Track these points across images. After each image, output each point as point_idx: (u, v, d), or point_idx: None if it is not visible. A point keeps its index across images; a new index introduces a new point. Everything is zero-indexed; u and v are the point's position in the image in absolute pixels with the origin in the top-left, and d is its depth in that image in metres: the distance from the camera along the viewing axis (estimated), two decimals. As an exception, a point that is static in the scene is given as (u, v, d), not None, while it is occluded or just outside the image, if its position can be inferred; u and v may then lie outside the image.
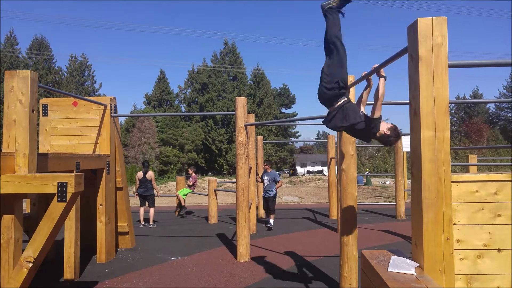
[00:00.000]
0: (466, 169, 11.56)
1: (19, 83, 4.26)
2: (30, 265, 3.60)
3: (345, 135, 4.12)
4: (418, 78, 2.17)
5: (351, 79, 4.03)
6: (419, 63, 2.16)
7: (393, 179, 25.49)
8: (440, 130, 2.14)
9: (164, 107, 51.58)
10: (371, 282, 2.24)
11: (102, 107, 6.31)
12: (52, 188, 3.84)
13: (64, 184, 3.87)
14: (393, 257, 2.23)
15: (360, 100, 3.32)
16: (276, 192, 8.85)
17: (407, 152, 12.14)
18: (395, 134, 2.98)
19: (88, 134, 6.36)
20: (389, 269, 2.07)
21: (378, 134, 2.97)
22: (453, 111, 56.91)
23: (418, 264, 2.12)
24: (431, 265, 2.07)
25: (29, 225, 5.47)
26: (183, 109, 53.88)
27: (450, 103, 2.68)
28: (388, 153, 37.30)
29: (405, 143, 10.32)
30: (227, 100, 50.95)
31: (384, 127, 2.95)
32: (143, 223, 9.18)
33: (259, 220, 9.02)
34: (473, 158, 10.90)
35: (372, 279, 2.21)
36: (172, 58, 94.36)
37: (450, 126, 2.22)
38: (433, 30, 2.17)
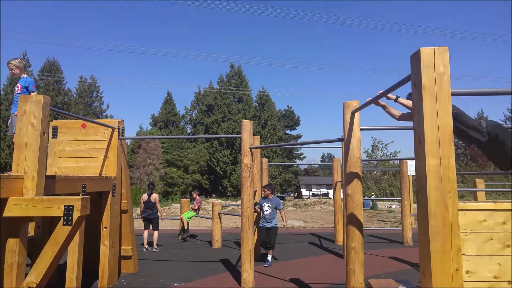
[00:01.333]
0: (474, 194, 11.37)
1: (32, 107, 4.33)
2: (33, 290, 3.56)
3: (350, 159, 4.12)
4: (421, 106, 2.20)
5: (355, 104, 4.08)
6: (423, 92, 2.21)
7: (399, 203, 25.18)
8: (445, 158, 2.15)
9: (170, 128, 52.01)
10: (378, 313, 2.19)
11: (110, 129, 6.39)
12: (58, 212, 3.84)
13: (71, 207, 3.87)
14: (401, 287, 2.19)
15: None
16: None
17: (413, 176, 12.03)
18: None
19: (96, 156, 6.42)
20: (397, 301, 2.03)
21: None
22: (458, 134, 56.47)
23: (426, 296, 2.08)
24: (441, 297, 2.03)
25: (32, 248, 5.43)
26: (189, 130, 54.28)
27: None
28: (394, 176, 37.00)
29: (410, 167, 10.26)
30: (232, 122, 51.32)
31: None
32: (146, 246, 9.09)
33: (256, 258, 8.12)
34: (480, 183, 10.77)
35: (379, 310, 2.17)
36: (180, 80, 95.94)
37: (455, 149, 2.23)
38: (435, 60, 2.22)
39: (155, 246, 9.05)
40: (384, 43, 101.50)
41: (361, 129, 4.07)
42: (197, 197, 11.20)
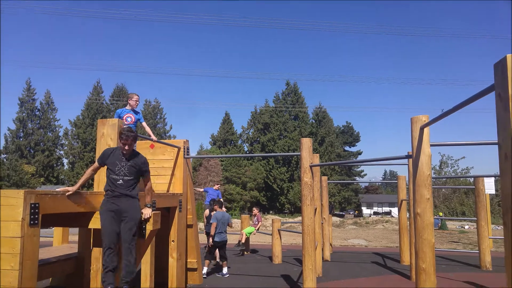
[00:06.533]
0: None
1: (109, 130, 4.78)
2: (114, 296, 3.85)
3: (419, 177, 3.95)
4: (508, 119, 2.03)
5: (424, 119, 3.93)
6: (510, 103, 2.02)
7: (473, 224, 23.10)
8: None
9: (228, 147, 53.46)
10: None
11: (176, 149, 6.77)
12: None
13: (144, 221, 4.18)
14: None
15: None
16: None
17: (490, 194, 11.07)
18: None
19: (163, 174, 6.81)
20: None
21: None
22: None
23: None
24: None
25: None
26: (246, 149, 55.28)
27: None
28: (466, 194, 34.21)
29: (488, 185, 9.44)
30: (288, 139, 51.36)
31: None
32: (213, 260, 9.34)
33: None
34: None
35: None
36: (237, 100, 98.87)
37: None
38: (525, 67, 2.02)
39: (217, 259, 9.26)
40: (451, 54, 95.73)
41: (431, 145, 3.90)
42: (258, 213, 11.33)
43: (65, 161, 50.40)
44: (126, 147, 4.04)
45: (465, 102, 2.72)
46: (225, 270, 7.92)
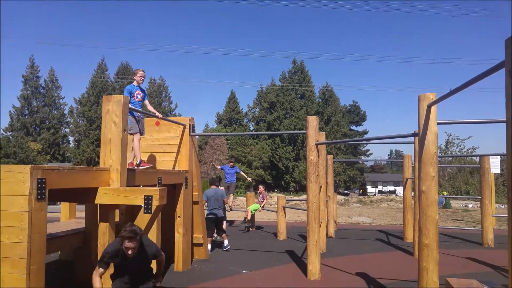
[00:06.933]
0: None
1: (114, 106, 4.75)
2: (121, 270, 3.94)
3: (425, 155, 3.93)
4: None
5: (432, 96, 3.87)
6: None
7: (477, 203, 23.11)
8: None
9: (234, 126, 53.39)
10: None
11: (182, 126, 6.77)
12: (139, 201, 4.21)
13: (150, 197, 4.21)
14: None
15: None
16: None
17: (495, 173, 11.03)
18: None
19: (169, 151, 6.85)
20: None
21: None
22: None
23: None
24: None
25: (118, 233, 5.99)
26: (252, 128, 55.18)
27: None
28: (471, 174, 34.10)
29: (493, 164, 9.40)
30: (294, 118, 51.12)
31: None
32: (215, 235, 9.50)
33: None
34: None
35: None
36: (243, 79, 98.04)
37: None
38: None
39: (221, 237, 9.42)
40: (459, 33, 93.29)
41: (438, 123, 3.86)
42: (263, 191, 11.46)
43: (71, 139, 50.82)
44: (130, 252, 3.58)
45: (474, 79, 2.67)
46: (226, 242, 8.17)
